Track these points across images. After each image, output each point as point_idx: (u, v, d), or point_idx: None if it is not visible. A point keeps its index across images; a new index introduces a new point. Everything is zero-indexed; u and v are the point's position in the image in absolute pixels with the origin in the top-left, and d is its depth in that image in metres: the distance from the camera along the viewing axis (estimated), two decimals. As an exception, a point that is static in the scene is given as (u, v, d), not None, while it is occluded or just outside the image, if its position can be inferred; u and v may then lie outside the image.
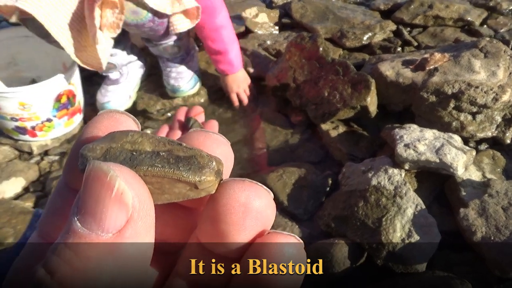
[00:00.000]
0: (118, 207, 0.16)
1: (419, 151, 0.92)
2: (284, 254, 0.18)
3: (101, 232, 0.15)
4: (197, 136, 0.20)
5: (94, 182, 0.16)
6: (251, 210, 0.18)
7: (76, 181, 0.20)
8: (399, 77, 1.15)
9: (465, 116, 1.06)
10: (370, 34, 1.47)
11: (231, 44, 1.24)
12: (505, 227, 0.79)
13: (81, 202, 0.16)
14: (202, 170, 0.18)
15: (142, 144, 0.18)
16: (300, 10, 1.63)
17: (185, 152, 0.18)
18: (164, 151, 0.18)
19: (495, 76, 1.08)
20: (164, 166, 0.17)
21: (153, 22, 1.12)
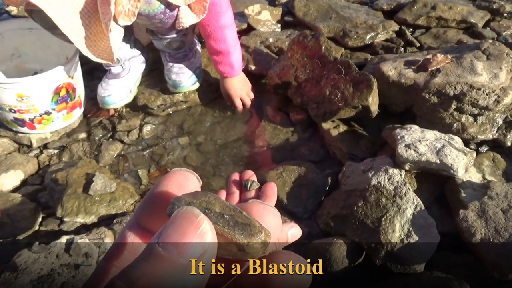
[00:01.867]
0: (199, 240, 0.19)
1: (420, 152, 0.92)
2: None
3: (180, 257, 0.19)
4: (256, 208, 0.25)
5: (184, 220, 0.20)
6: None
7: (149, 220, 0.25)
8: (401, 77, 1.14)
9: (466, 118, 1.06)
10: (373, 34, 1.46)
11: (233, 45, 1.24)
12: (504, 229, 0.79)
13: (166, 232, 0.19)
14: (252, 237, 0.21)
15: (214, 205, 0.22)
16: (303, 8, 1.63)
17: (243, 220, 0.22)
18: (228, 214, 0.22)
19: (497, 78, 1.07)
20: (224, 226, 0.21)
21: (164, 14, 1.11)
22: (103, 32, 1.05)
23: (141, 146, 1.30)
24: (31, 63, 1.37)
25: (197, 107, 1.40)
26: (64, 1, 0.96)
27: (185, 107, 1.40)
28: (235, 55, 1.25)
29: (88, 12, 1.02)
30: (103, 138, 1.31)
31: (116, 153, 1.27)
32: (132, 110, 1.39)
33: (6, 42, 1.32)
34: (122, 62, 1.31)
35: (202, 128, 1.34)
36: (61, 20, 0.96)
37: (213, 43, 1.21)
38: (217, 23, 1.18)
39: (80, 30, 1.01)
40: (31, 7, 0.99)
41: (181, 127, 1.34)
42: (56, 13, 0.95)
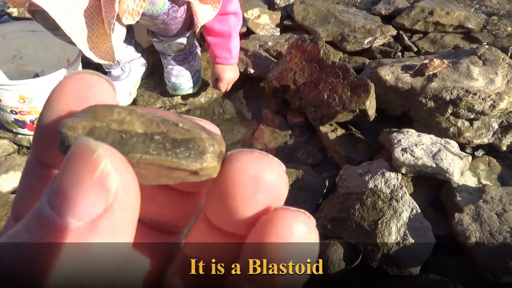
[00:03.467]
0: (97, 191, 0.13)
1: (416, 156, 0.93)
2: (293, 233, 0.15)
3: (72, 219, 0.13)
4: None
5: (77, 160, 0.13)
6: (262, 184, 0.16)
7: (49, 155, 0.17)
8: (398, 82, 1.16)
9: (462, 122, 1.07)
10: (371, 38, 1.48)
11: (235, 31, 1.23)
12: (498, 232, 0.80)
13: (57, 181, 0.13)
14: (203, 156, 0.16)
15: (132, 124, 0.15)
16: (302, 12, 1.64)
17: (183, 134, 0.16)
18: (158, 133, 0.15)
19: (493, 83, 1.09)
20: (160, 153, 0.15)
21: (168, 15, 1.12)
22: (105, 34, 1.06)
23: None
24: (32, 65, 1.38)
25: (196, 110, 1.41)
26: (67, 2, 0.97)
27: (184, 109, 1.41)
28: (235, 42, 1.25)
29: (91, 14, 1.03)
30: (103, 140, 1.32)
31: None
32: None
33: (8, 44, 1.33)
34: (122, 64, 1.32)
35: (201, 130, 1.35)
36: (63, 21, 0.97)
37: (217, 24, 1.20)
38: (225, 9, 1.19)
39: (82, 31, 1.02)
40: (34, 8, 1.00)
41: (180, 130, 1.35)
42: (59, 13, 0.96)
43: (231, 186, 0.16)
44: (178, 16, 1.15)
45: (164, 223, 0.20)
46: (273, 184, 0.16)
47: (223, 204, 0.16)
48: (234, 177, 0.16)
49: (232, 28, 1.21)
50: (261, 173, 0.16)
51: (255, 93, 1.43)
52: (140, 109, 0.16)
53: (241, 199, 0.16)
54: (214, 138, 0.16)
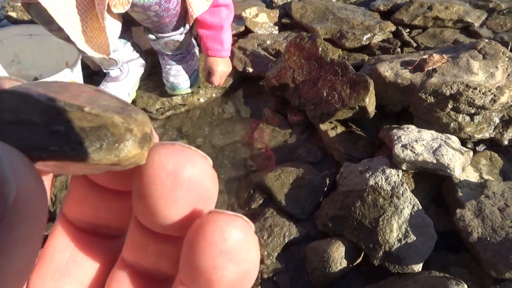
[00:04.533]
0: None
1: (417, 152, 0.92)
2: (226, 241, 0.14)
3: None
4: None
5: None
6: (182, 180, 0.14)
7: None
8: (397, 78, 1.15)
9: (463, 117, 1.06)
10: (370, 35, 1.47)
11: (227, 24, 1.23)
12: (501, 228, 0.79)
13: None
14: (120, 145, 0.13)
15: (26, 112, 0.12)
16: (300, 10, 1.64)
17: (91, 122, 0.13)
18: (60, 123, 0.12)
19: (493, 77, 1.08)
20: (63, 149, 0.12)
21: (159, 5, 1.11)
22: (100, 28, 1.06)
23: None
24: (31, 69, 1.39)
25: (196, 110, 1.41)
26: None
27: (183, 110, 1.40)
28: (227, 34, 1.24)
29: (85, 7, 1.03)
30: (103, 142, 1.32)
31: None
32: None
33: (6, 49, 1.34)
34: (120, 64, 1.31)
35: (200, 131, 1.35)
36: (57, 12, 0.97)
37: (209, 17, 1.20)
38: (217, 0, 1.18)
39: (76, 23, 1.02)
40: (28, 1, 1.00)
41: (180, 130, 1.35)
42: (52, 4, 0.96)
43: (149, 183, 0.14)
44: (171, 7, 1.14)
45: (103, 227, 0.18)
46: (195, 180, 0.14)
47: (145, 204, 0.15)
48: (151, 172, 0.14)
49: (223, 20, 1.21)
50: (181, 168, 0.14)
51: (254, 92, 1.43)
52: (47, 86, 0.13)
53: (160, 197, 0.14)
54: (132, 120, 0.14)
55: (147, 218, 0.15)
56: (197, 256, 0.14)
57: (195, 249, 0.14)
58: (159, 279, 0.18)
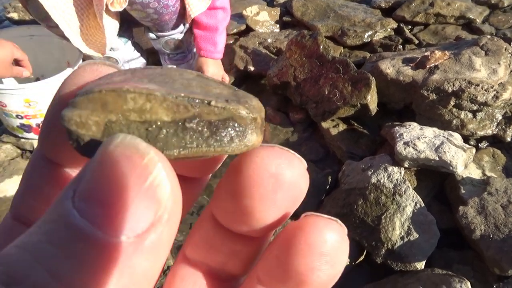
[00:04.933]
0: (147, 202, 0.11)
1: (419, 149, 0.92)
2: (326, 243, 0.14)
3: (112, 232, 0.11)
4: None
5: (121, 163, 0.11)
6: (284, 182, 0.14)
7: (57, 152, 0.16)
8: (399, 75, 1.15)
9: (465, 114, 1.06)
10: (371, 32, 1.47)
11: (222, 26, 1.23)
12: (504, 225, 0.79)
13: (88, 184, 0.11)
14: (247, 136, 0.14)
15: (155, 112, 0.12)
16: (301, 8, 1.63)
17: (218, 114, 0.13)
18: (190, 118, 0.13)
19: (495, 74, 1.07)
20: (200, 144, 0.13)
21: (158, 2, 1.11)
22: (97, 26, 1.06)
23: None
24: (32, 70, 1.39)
25: (197, 109, 1.41)
26: None
27: (185, 109, 1.40)
28: (221, 36, 1.24)
29: (82, 4, 1.03)
30: (105, 142, 1.32)
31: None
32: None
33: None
34: (121, 64, 1.32)
35: (202, 130, 1.35)
36: (53, 8, 0.98)
37: (205, 17, 1.20)
38: (214, 2, 1.18)
39: (72, 20, 1.03)
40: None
41: (181, 130, 1.35)
42: (48, 1, 0.96)
43: (249, 184, 0.14)
44: (170, 4, 1.14)
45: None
46: (295, 182, 0.15)
47: (238, 204, 0.15)
48: (252, 174, 0.14)
49: (219, 22, 1.21)
50: (283, 170, 0.14)
51: (255, 90, 1.42)
52: (150, 74, 0.13)
53: (260, 199, 0.14)
54: (253, 108, 0.14)
55: (235, 219, 0.15)
56: (294, 257, 0.14)
57: (292, 250, 0.14)
58: (222, 278, 0.18)
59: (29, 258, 0.10)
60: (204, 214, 0.17)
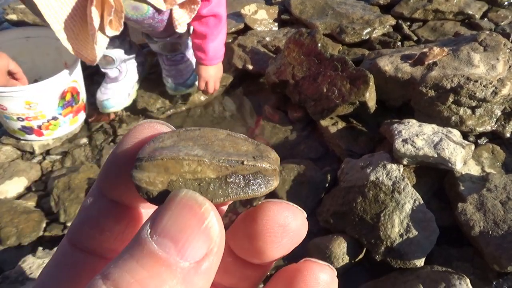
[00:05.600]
0: (204, 239, 0.16)
1: (417, 146, 0.92)
2: (319, 282, 0.19)
3: (180, 259, 0.15)
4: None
5: (185, 210, 0.16)
6: (289, 231, 0.19)
7: (115, 191, 0.20)
8: (397, 72, 1.14)
9: (464, 111, 1.05)
10: (370, 29, 1.46)
11: (213, 34, 1.23)
12: (503, 221, 0.78)
13: (161, 224, 0.16)
14: (270, 182, 0.18)
15: (204, 173, 0.17)
16: (299, 6, 1.63)
17: (249, 170, 0.18)
18: (230, 175, 0.18)
19: (494, 69, 1.07)
20: (238, 193, 0.18)
21: (153, 19, 1.12)
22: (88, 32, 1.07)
23: (142, 149, 1.31)
24: (29, 72, 1.39)
25: (196, 109, 1.41)
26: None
27: (184, 109, 1.40)
28: (213, 43, 1.24)
29: (77, 9, 1.03)
30: (105, 143, 1.33)
31: (118, 157, 1.28)
32: (132, 113, 1.40)
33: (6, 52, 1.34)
34: (117, 64, 1.31)
35: (201, 129, 1.35)
36: (45, 7, 0.98)
37: (197, 25, 1.21)
38: (201, 11, 1.18)
39: (65, 22, 1.02)
40: None
41: (181, 129, 1.35)
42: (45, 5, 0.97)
43: (263, 231, 0.19)
44: (164, 18, 1.15)
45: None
46: (297, 230, 0.20)
47: (253, 244, 0.20)
48: (266, 224, 0.19)
49: (209, 29, 1.21)
50: (289, 222, 0.19)
51: (254, 89, 1.42)
52: (193, 138, 0.19)
53: (271, 243, 0.19)
54: (273, 161, 0.19)
55: (250, 254, 0.20)
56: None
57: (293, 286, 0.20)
58: None
59: (128, 277, 0.15)
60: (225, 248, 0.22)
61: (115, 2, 1.00)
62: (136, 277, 0.15)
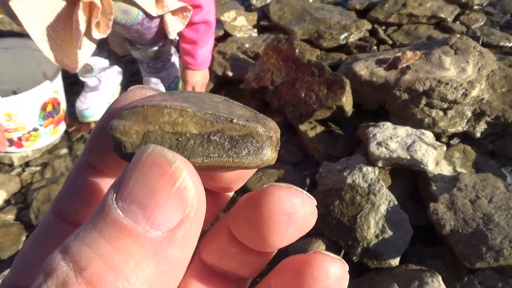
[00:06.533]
0: (177, 203, 0.13)
1: (391, 149, 0.94)
2: (329, 277, 0.17)
3: (150, 228, 0.13)
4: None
5: (153, 170, 0.14)
6: (296, 220, 0.17)
7: (101, 160, 0.18)
8: (372, 76, 1.17)
9: (436, 112, 1.09)
10: (346, 34, 1.49)
11: (203, 40, 1.25)
12: (472, 219, 0.81)
13: (127, 188, 0.14)
14: (263, 151, 0.16)
15: (185, 125, 0.15)
16: (278, 12, 1.65)
17: (239, 131, 0.15)
18: (214, 132, 0.15)
19: (464, 72, 1.11)
20: (220, 155, 0.15)
21: (141, 25, 1.13)
22: (72, 42, 1.06)
23: (123, 157, 1.31)
24: (8, 83, 1.38)
25: (178, 116, 1.42)
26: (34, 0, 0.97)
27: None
28: (203, 49, 1.26)
29: (59, 17, 1.03)
30: (86, 152, 1.32)
31: (99, 166, 1.28)
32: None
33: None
34: (96, 73, 1.32)
35: (183, 136, 1.36)
36: (26, 17, 0.98)
37: (188, 32, 1.23)
38: (195, 18, 1.20)
39: (47, 31, 1.02)
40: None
41: (162, 137, 1.36)
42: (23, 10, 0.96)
43: (266, 218, 0.17)
44: (153, 26, 1.16)
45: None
46: (305, 219, 0.18)
47: (256, 231, 0.18)
48: (270, 210, 0.17)
49: (200, 36, 1.23)
50: (296, 209, 0.17)
51: (234, 95, 1.44)
52: (185, 97, 0.16)
53: (275, 231, 0.17)
54: (270, 128, 0.16)
55: (252, 241, 0.19)
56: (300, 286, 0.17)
57: (300, 281, 0.18)
58: (231, 279, 0.21)
59: (89, 251, 0.13)
60: (219, 226, 0.20)
61: (104, 4, 1.00)
62: (98, 251, 0.13)
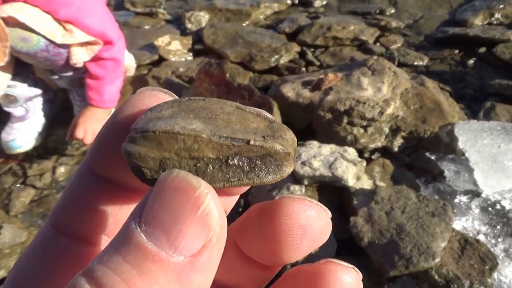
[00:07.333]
0: (200, 228, 0.14)
1: (314, 167, 1.00)
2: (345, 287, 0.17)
3: (173, 253, 0.13)
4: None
5: (177, 194, 0.14)
6: (310, 233, 0.17)
7: (106, 166, 0.17)
8: (299, 97, 1.24)
9: (357, 130, 1.17)
10: (277, 56, 1.56)
11: (111, 77, 1.21)
12: (386, 230, 0.88)
13: (151, 212, 0.14)
14: (282, 168, 0.16)
15: (202, 151, 0.15)
16: (211, 36, 1.70)
17: (256, 152, 0.15)
18: (231, 155, 0.15)
19: (380, 91, 1.20)
20: (241, 178, 0.15)
21: (47, 52, 1.09)
22: None
23: (55, 189, 1.27)
24: None
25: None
26: None
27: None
28: (110, 86, 1.23)
29: None
30: (14, 185, 1.27)
31: (29, 199, 1.23)
32: (44, 152, 1.36)
33: None
34: (22, 102, 1.27)
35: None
36: None
37: (94, 66, 1.19)
38: (101, 53, 1.18)
39: None
40: None
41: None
42: None
43: (279, 232, 0.17)
44: (62, 51, 1.13)
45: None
46: (319, 232, 0.17)
47: (267, 245, 0.17)
48: (284, 224, 0.17)
49: (107, 72, 1.20)
50: (311, 222, 0.17)
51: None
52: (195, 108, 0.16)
53: (287, 246, 0.17)
54: (287, 142, 0.16)
55: (261, 255, 0.18)
56: None
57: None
58: None
59: (113, 275, 0.13)
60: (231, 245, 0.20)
61: None
62: (123, 276, 0.13)
